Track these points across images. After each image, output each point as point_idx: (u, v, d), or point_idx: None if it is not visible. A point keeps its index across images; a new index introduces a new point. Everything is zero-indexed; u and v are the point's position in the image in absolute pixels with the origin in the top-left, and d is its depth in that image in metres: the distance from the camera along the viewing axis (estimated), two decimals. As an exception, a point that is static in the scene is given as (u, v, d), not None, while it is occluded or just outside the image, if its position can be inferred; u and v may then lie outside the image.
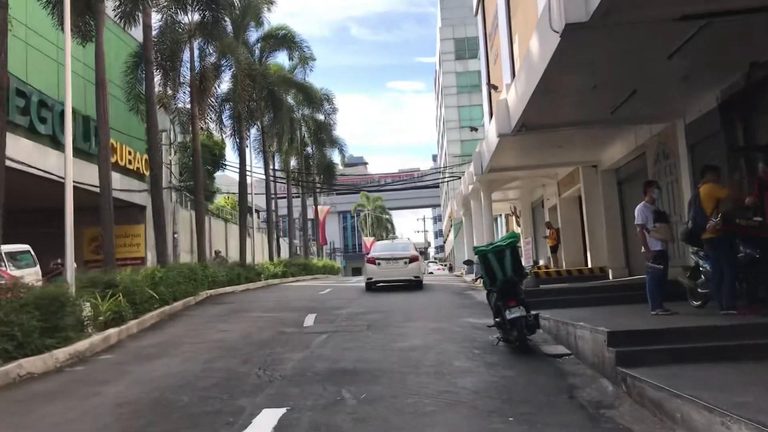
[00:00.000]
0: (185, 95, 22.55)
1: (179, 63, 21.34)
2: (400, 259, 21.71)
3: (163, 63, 19.76)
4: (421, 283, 22.10)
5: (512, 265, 8.42)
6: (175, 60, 20.86)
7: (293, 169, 40.35)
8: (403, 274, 21.40)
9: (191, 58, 21.86)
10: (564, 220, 23.17)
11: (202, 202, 22.53)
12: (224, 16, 21.73)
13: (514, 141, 15.37)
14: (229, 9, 22.75)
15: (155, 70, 19.71)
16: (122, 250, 33.55)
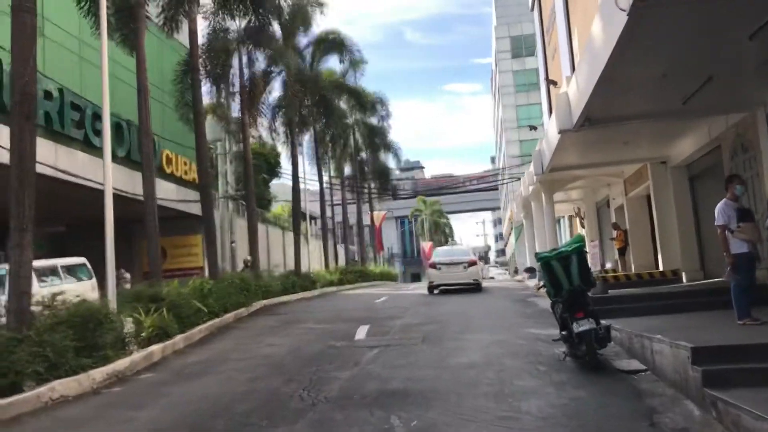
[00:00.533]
0: (236, 103, 22.28)
1: (228, 70, 21.09)
2: (459, 263, 22.76)
3: (212, 71, 19.49)
4: (480, 286, 22.95)
5: (579, 273, 7.59)
6: (224, 67, 20.63)
7: (348, 176, 39.97)
8: (462, 277, 22.41)
9: (240, 65, 21.60)
10: (632, 220, 21.92)
11: (255, 210, 22.23)
12: (271, 22, 21.38)
13: (577, 137, 14.41)
14: (277, 14, 22.41)
15: (204, 78, 19.48)
16: (181, 260, 33.80)
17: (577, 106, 11.69)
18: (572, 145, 15.62)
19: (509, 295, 19.85)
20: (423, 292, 23.53)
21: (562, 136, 13.66)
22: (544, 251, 8.19)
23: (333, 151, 31.08)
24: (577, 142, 15.08)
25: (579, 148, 16.34)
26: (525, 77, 68.60)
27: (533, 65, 65.16)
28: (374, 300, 19.99)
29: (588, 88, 10.48)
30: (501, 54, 70.22)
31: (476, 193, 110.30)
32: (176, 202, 29.37)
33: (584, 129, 12.41)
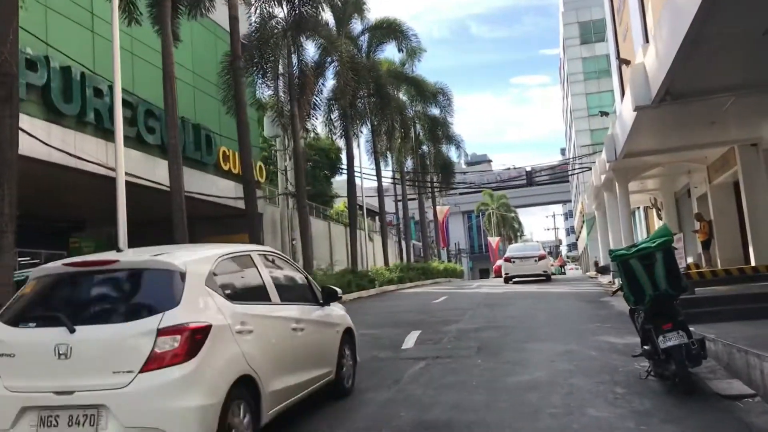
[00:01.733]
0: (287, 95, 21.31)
1: (277, 60, 20.14)
2: (530, 257, 26.84)
3: (258, 60, 18.56)
4: (550, 276, 27.32)
5: (666, 275, 6.07)
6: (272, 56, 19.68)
7: (409, 170, 38.67)
8: (533, 269, 26.42)
9: (288, 53, 20.59)
10: (717, 210, 19.83)
11: (305, 206, 21.24)
12: (322, 8, 20.30)
13: (655, 117, 12.72)
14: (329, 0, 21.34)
15: (249, 67, 18.58)
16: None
17: (655, 78, 10.06)
18: (649, 127, 13.90)
19: (581, 295, 18.18)
20: (487, 291, 22.11)
21: (638, 115, 12.00)
22: (621, 248, 6.69)
23: (390, 143, 29.87)
24: (654, 122, 13.38)
25: (657, 129, 14.59)
26: (595, 64, 65.74)
27: (603, 51, 62.31)
28: (432, 300, 18.68)
29: (669, 53, 8.88)
30: (569, 41, 67.49)
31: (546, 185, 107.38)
32: (235, 200, 28.86)
33: (664, 105, 10.77)
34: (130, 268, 5.01)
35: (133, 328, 4.44)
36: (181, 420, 4.28)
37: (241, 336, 4.89)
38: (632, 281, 6.19)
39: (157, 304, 4.58)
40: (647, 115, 12.11)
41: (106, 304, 4.93)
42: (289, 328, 5.83)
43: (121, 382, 4.28)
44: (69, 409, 4.30)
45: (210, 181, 26.40)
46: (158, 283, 4.79)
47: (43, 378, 4.43)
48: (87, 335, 4.46)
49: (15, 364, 4.51)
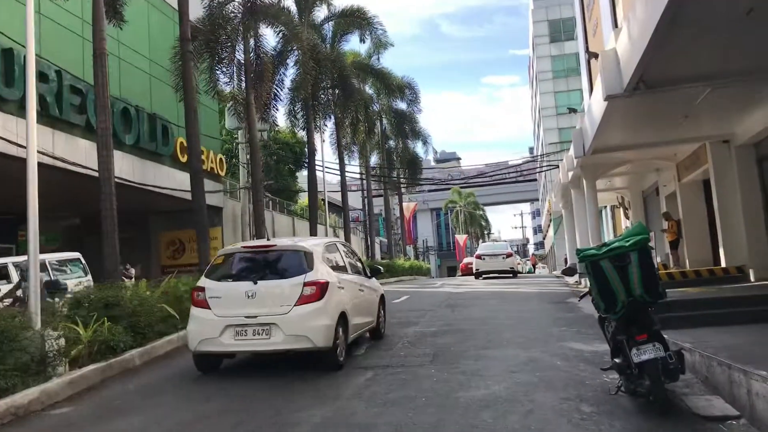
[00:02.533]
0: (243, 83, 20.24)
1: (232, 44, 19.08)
2: (499, 255, 29.81)
3: (214, 45, 17.50)
4: (516, 273, 30.36)
5: (642, 279, 5.28)
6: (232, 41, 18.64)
7: (375, 165, 37.81)
8: (501, 266, 29.23)
9: (244, 39, 19.53)
10: (686, 209, 19.32)
11: (261, 200, 20.21)
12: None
13: (625, 108, 12.02)
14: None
15: (206, 53, 17.55)
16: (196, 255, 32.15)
17: (628, 64, 9.32)
18: (620, 120, 13.22)
19: (547, 295, 17.50)
20: (450, 290, 21.37)
21: (608, 107, 11.28)
22: (590, 247, 5.86)
23: (354, 137, 28.94)
24: (625, 115, 12.70)
25: (627, 123, 13.93)
26: (563, 62, 65.56)
27: (572, 50, 62.13)
28: (393, 300, 17.78)
29: (644, 36, 8.13)
30: (538, 39, 67.21)
31: (514, 184, 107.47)
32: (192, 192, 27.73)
33: (637, 95, 10.04)
34: (282, 249, 8.63)
35: (290, 282, 7.91)
36: (316, 332, 7.62)
37: (339, 290, 8.37)
38: (603, 285, 5.39)
39: (300, 269, 8.01)
40: (618, 107, 11.40)
41: (272, 269, 8.31)
42: (357, 289, 9.31)
43: (284, 311, 7.68)
44: (253, 326, 7.68)
45: (166, 173, 25.28)
46: (299, 257, 8.24)
47: (238, 309, 7.76)
48: (264, 285, 7.90)
49: (221, 302, 7.89)
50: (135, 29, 22.21)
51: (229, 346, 7.79)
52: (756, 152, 15.16)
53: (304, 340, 7.64)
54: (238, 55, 19.49)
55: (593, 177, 19.82)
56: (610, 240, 5.72)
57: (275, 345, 7.67)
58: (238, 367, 8.55)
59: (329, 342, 7.73)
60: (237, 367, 8.55)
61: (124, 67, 22.00)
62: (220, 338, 7.73)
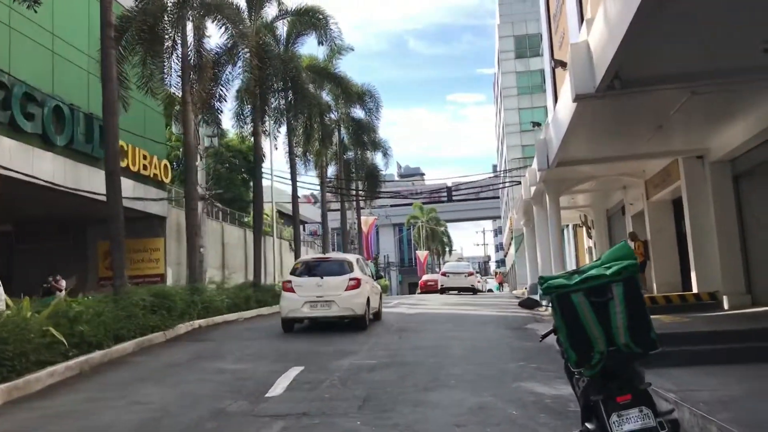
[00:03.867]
0: (182, 81, 18.49)
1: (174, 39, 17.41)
2: (461, 273, 34.26)
3: (144, 34, 15.81)
4: (476, 290, 34.63)
5: (628, 321, 3.82)
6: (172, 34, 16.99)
7: (333, 176, 36.22)
8: (463, 283, 33.04)
9: (182, 32, 17.84)
10: (654, 229, 18.20)
11: (195, 208, 18.48)
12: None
13: (595, 116, 10.76)
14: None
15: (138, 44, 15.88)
16: (140, 266, 30.25)
17: (602, 58, 7.98)
18: (588, 128, 11.95)
19: (505, 320, 16.08)
20: (403, 310, 19.88)
21: (577, 111, 9.94)
22: (558, 274, 4.34)
23: (308, 145, 27.32)
24: (594, 122, 11.43)
25: (596, 133, 12.68)
26: (529, 79, 64.98)
27: (537, 66, 61.58)
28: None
29: (624, 21, 6.79)
30: (504, 54, 66.59)
31: (476, 201, 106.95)
32: (135, 201, 25.94)
33: (610, 96, 8.72)
34: (335, 260, 15.10)
35: (342, 278, 13.80)
36: (357, 305, 13.66)
37: (366, 285, 14.31)
38: (575, 329, 3.90)
39: (346, 271, 14.05)
40: (587, 112, 10.09)
41: (331, 270, 14.09)
42: (371, 285, 15.29)
43: (338, 293, 13.55)
44: (321, 302, 13.56)
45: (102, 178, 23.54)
46: (345, 264, 14.38)
47: (312, 292, 13.60)
48: (328, 280, 13.72)
49: (301, 289, 13.73)
50: (73, 23, 20.47)
51: (306, 313, 13.81)
52: (732, 169, 14.05)
53: (349, 311, 13.68)
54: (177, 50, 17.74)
55: (556, 193, 18.59)
56: (585, 266, 4.22)
57: (334, 313, 13.67)
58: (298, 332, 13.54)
59: (362, 312, 13.83)
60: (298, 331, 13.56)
61: (58, 61, 20.18)
62: (301, 309, 13.69)
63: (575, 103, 9.79)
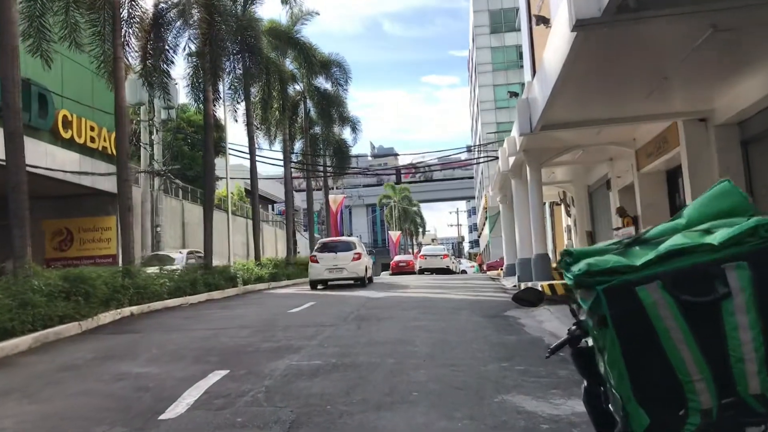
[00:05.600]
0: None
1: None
2: (437, 255, 39.53)
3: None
4: (451, 270, 39.02)
5: (765, 344, 1.89)
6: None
7: (299, 152, 34.07)
8: (439, 264, 37.64)
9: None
10: (645, 204, 16.45)
11: (128, 179, 16.27)
12: None
13: (592, 62, 8.86)
14: None
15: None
16: (90, 246, 28.11)
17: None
18: (581, 80, 10.03)
19: (480, 304, 14.24)
20: (370, 293, 17.98)
21: (573, 47, 7.95)
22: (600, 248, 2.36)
23: (266, 115, 25.10)
24: (590, 72, 9.52)
25: (589, 88, 10.79)
26: (504, 54, 63.13)
27: (513, 41, 59.70)
28: (294, 307, 14.29)
29: None
30: (479, 29, 64.53)
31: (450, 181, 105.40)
32: (81, 176, 23.71)
33: (620, 23, 6.78)
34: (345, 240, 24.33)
35: (349, 252, 21.73)
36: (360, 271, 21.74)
37: (364, 257, 22.64)
38: (646, 358, 1.86)
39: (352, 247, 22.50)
40: (585, 51, 8.14)
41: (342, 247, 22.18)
42: (368, 258, 23.90)
43: (347, 263, 21.33)
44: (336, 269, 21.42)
45: (43, 150, 21.30)
46: (352, 243, 22.97)
47: (330, 262, 21.33)
48: (340, 254, 21.53)
49: (322, 260, 21.44)
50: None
51: (326, 276, 20.87)
52: (740, 133, 12.28)
53: (355, 274, 21.10)
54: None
55: (538, 163, 16.73)
56: (654, 229, 2.26)
57: (345, 275, 20.95)
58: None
59: (363, 275, 21.44)
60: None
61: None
62: (323, 273, 20.78)
63: (570, 45, 7.86)
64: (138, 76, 17.76)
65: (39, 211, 26.00)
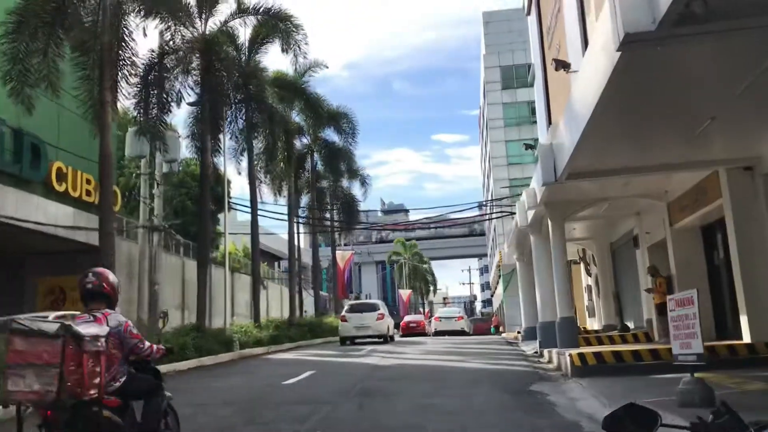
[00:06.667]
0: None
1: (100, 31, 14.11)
2: (452, 318, 39.75)
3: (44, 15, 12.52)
4: (466, 332, 39.22)
5: None
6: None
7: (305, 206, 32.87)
8: (454, 326, 37.78)
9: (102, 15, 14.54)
10: (680, 262, 14.91)
11: (112, 232, 14.97)
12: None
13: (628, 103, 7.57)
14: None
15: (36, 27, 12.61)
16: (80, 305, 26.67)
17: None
18: (616, 121, 8.72)
19: (500, 376, 12.61)
20: (375, 361, 16.39)
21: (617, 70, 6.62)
22: None
23: (267, 166, 24.00)
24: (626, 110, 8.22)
25: (623, 131, 9.48)
26: (516, 111, 62.44)
27: (525, 98, 59.11)
28: (290, 377, 12.73)
29: None
30: (490, 85, 64.07)
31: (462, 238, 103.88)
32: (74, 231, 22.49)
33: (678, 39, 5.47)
34: (370, 303, 29.38)
35: (374, 313, 26.27)
36: (383, 330, 26.17)
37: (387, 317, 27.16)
38: None
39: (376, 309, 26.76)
40: (628, 77, 6.84)
41: (367, 309, 26.88)
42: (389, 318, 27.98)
43: (373, 323, 25.79)
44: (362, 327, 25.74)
45: (35, 204, 20.20)
46: (376, 305, 27.67)
47: (357, 322, 25.79)
48: (364, 315, 26.00)
49: (351, 319, 26.03)
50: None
51: (354, 333, 25.43)
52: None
53: (379, 332, 25.72)
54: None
55: (561, 218, 15.31)
56: None
57: (370, 332, 25.55)
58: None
59: (386, 332, 26.13)
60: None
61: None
62: (351, 331, 25.36)
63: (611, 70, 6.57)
64: (131, 125, 16.69)
65: (32, 268, 24.88)
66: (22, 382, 4.06)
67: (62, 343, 4.12)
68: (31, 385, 4.07)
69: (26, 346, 4.10)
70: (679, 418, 4.99)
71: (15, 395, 4.08)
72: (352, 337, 25.73)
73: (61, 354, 4.09)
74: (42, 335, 4.14)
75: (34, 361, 4.09)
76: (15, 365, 4.06)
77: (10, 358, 4.08)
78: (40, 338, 4.13)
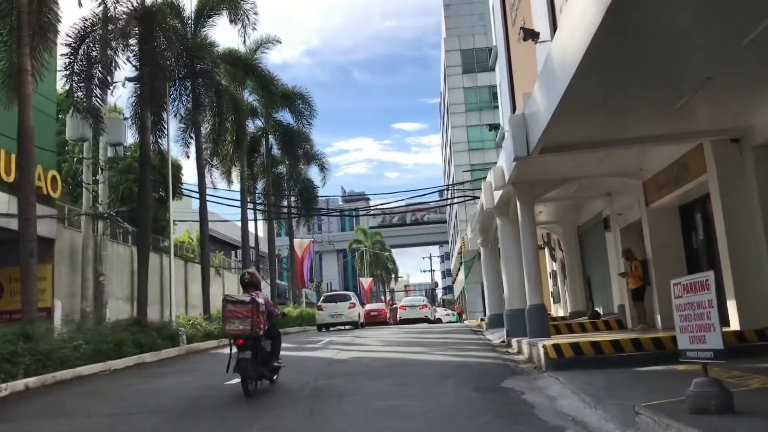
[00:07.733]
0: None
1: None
2: (416, 306, 42.19)
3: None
4: (430, 320, 41.61)
5: None
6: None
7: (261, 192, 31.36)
8: (418, 314, 40.14)
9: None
10: (656, 244, 14.01)
11: (31, 219, 13.31)
12: None
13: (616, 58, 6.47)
14: None
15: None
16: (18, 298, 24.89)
17: None
18: (602, 79, 7.62)
19: (468, 370, 11.50)
20: (331, 354, 15.19)
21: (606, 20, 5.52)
22: None
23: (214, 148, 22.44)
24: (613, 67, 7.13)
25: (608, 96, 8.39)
26: (476, 95, 61.67)
27: (486, 82, 58.31)
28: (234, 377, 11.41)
29: None
30: (450, 69, 63.10)
31: (423, 225, 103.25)
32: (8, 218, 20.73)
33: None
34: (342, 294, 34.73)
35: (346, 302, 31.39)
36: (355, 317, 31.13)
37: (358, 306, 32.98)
38: None
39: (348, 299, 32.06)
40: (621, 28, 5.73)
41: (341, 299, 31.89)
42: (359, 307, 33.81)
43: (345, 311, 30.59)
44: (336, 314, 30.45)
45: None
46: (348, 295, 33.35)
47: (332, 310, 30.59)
48: (338, 305, 30.96)
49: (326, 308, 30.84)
50: None
51: (329, 320, 30.08)
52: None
53: (351, 319, 30.37)
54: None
55: (530, 198, 14.21)
56: None
57: (343, 320, 30.12)
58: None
59: (357, 319, 30.94)
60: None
61: None
62: (327, 319, 29.99)
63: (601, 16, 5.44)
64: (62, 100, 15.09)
65: (-5, 258, 23.08)
66: (233, 325, 8.55)
67: (251, 306, 8.63)
68: (237, 326, 8.54)
69: (234, 308, 8.58)
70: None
71: (230, 331, 8.64)
72: (328, 324, 30.65)
73: (251, 311, 8.55)
74: (242, 303, 8.64)
75: (238, 315, 8.55)
76: (229, 317, 8.56)
77: (226, 314, 8.60)
78: (240, 304, 8.61)
